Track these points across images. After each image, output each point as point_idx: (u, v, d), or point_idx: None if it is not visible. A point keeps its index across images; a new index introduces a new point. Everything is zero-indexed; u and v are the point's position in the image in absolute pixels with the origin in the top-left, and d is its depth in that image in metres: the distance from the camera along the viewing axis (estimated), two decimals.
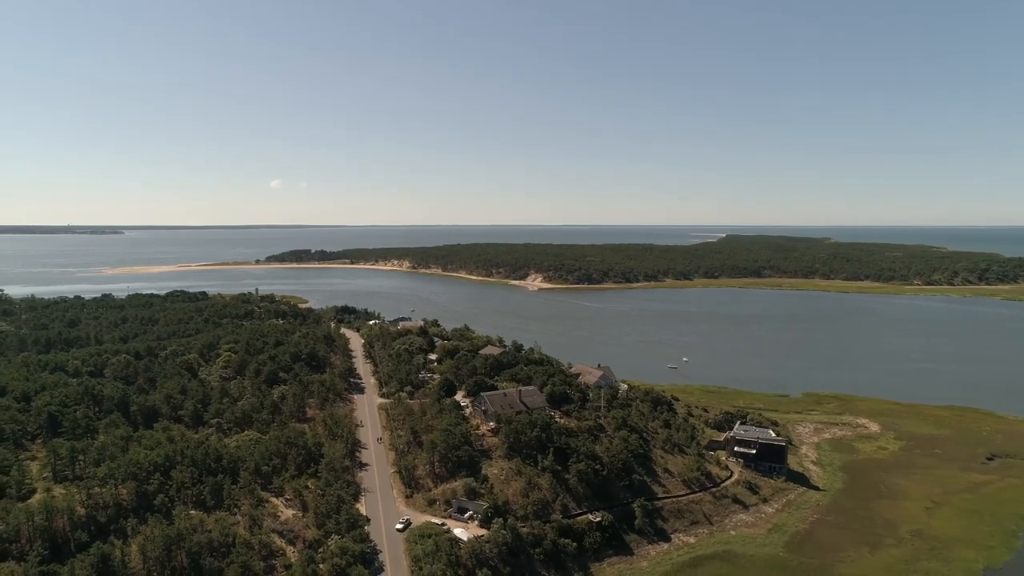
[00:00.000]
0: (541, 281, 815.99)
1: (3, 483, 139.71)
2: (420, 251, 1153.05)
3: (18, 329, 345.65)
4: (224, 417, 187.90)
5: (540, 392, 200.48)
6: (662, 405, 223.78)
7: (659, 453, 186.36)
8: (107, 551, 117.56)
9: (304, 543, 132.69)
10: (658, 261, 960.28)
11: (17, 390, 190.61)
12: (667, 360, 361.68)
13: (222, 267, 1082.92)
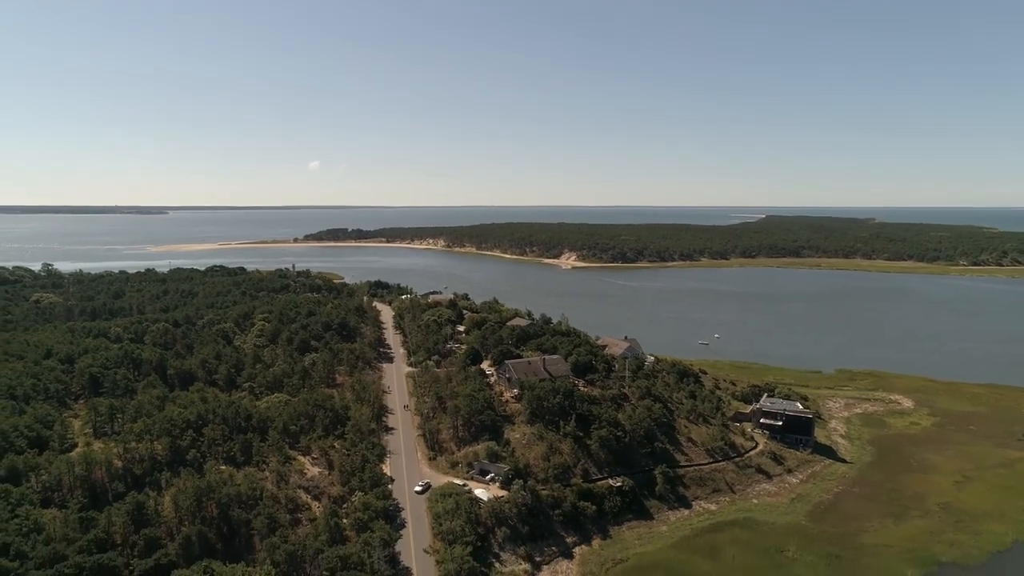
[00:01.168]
0: (575, 260, 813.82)
1: (47, 437, 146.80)
2: (455, 230, 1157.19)
3: (66, 300, 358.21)
4: (256, 381, 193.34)
5: (565, 361, 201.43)
6: (689, 377, 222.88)
7: (683, 423, 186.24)
8: (142, 500, 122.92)
9: (329, 499, 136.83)
10: (694, 240, 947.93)
11: (62, 353, 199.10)
12: (698, 336, 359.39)
13: (261, 245, 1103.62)
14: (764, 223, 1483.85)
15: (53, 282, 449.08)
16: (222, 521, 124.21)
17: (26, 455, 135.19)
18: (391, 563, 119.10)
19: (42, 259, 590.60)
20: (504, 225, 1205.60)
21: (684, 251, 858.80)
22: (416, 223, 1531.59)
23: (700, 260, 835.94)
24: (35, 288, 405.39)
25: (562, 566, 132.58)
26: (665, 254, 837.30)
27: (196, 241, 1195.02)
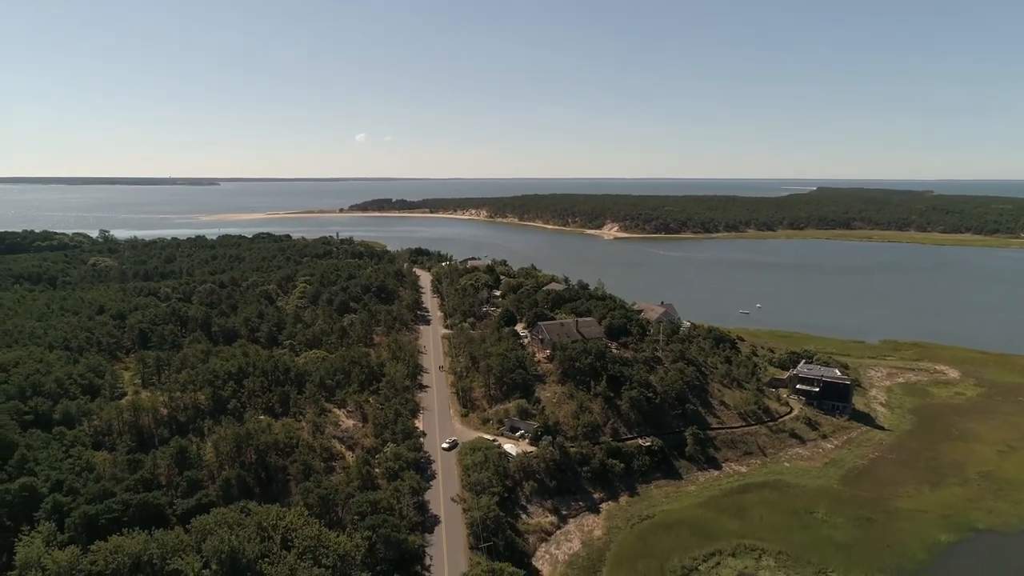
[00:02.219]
0: (617, 230, 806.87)
1: (98, 385, 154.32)
2: (497, 201, 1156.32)
3: (121, 264, 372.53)
4: (296, 339, 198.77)
5: (598, 324, 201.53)
6: (725, 343, 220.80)
7: (716, 387, 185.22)
8: (185, 445, 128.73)
9: (362, 449, 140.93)
10: (740, 212, 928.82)
11: (114, 309, 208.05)
12: (739, 306, 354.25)
13: (307, 215, 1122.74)
14: (814, 195, 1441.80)
15: (109, 247, 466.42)
16: (260, 467, 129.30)
17: (79, 401, 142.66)
18: (420, 510, 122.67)
19: (100, 227, 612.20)
20: (546, 196, 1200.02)
21: (729, 222, 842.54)
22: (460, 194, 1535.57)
23: (746, 231, 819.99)
24: (93, 253, 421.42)
25: (588, 520, 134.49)
26: (709, 225, 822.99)
27: (245, 211, 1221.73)
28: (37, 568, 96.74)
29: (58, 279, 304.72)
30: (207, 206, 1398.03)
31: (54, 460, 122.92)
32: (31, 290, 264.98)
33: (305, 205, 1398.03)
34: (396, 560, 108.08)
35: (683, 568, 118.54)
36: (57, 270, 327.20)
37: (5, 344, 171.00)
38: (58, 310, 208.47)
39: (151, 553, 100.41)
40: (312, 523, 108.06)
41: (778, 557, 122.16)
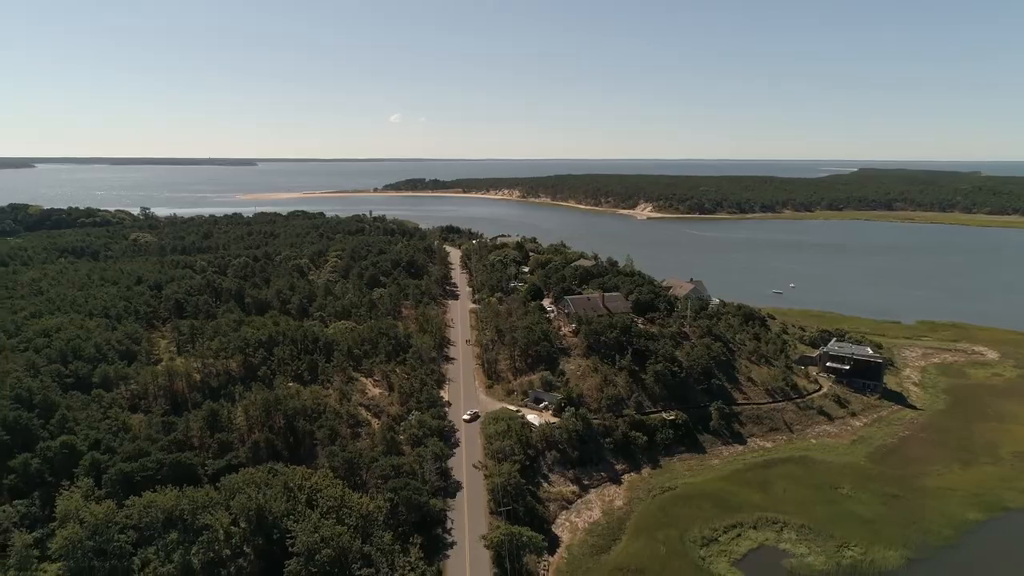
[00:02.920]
0: (651, 210, 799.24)
1: (135, 352, 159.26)
2: (530, 181, 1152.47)
3: (160, 239, 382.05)
4: (326, 311, 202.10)
5: (625, 299, 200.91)
6: (754, 320, 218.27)
7: (744, 363, 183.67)
8: (216, 409, 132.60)
9: (388, 417, 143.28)
10: (777, 192, 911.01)
11: (151, 280, 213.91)
12: (772, 285, 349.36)
13: (342, 195, 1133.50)
14: (855, 176, 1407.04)
15: (149, 224, 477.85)
16: (288, 431, 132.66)
17: (117, 366, 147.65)
18: (443, 476, 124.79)
19: (141, 204, 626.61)
20: (580, 176, 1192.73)
21: (765, 203, 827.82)
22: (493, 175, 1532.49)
23: (783, 212, 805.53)
24: (133, 229, 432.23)
25: (609, 490, 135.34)
26: (745, 206, 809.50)
27: (282, 190, 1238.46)
28: (76, 520, 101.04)
29: (100, 253, 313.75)
30: (245, 186, 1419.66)
31: (93, 420, 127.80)
32: (74, 263, 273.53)
33: (340, 185, 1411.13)
34: (418, 522, 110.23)
35: (703, 538, 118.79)
36: (99, 245, 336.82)
37: (48, 311, 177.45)
38: (98, 280, 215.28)
39: (182, 508, 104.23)
40: (336, 484, 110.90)
41: (800, 530, 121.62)
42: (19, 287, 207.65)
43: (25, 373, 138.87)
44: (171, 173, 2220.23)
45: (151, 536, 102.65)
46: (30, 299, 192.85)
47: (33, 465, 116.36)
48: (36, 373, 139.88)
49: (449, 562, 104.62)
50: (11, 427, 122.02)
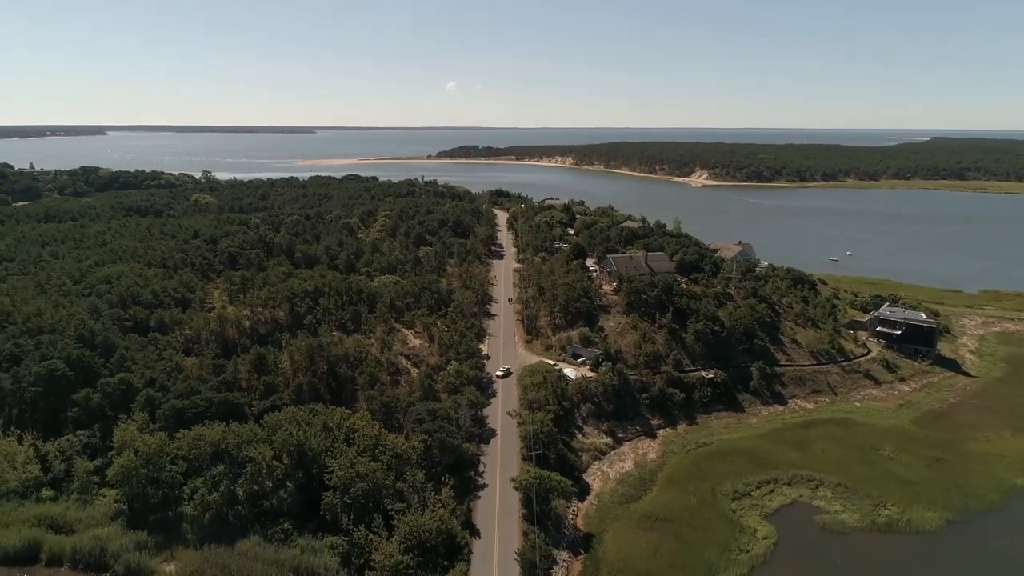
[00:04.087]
0: (706, 178, 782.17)
1: (190, 299, 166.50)
2: (583, 148, 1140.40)
3: (219, 200, 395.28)
4: (372, 267, 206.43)
5: (669, 260, 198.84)
6: (804, 284, 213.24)
7: (789, 325, 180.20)
8: (263, 353, 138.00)
9: (427, 366, 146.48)
10: (840, 160, 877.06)
11: (207, 234, 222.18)
12: (828, 253, 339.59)
13: (396, 161, 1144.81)
14: (926, 144, 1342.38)
15: (210, 186, 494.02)
16: (330, 376, 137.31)
17: (172, 312, 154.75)
18: (478, 423, 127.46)
19: (204, 168, 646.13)
20: (634, 144, 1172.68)
21: (827, 171, 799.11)
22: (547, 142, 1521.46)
23: (845, 181, 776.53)
24: (195, 191, 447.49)
25: (643, 443, 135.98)
26: (805, 174, 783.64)
27: (337, 157, 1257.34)
28: (131, 449, 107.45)
29: (163, 212, 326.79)
30: (303, 152, 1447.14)
31: (149, 361, 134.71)
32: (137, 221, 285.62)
33: (394, 152, 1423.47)
34: (451, 465, 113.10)
35: (735, 492, 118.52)
36: (162, 204, 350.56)
37: (110, 261, 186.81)
38: (158, 234, 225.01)
39: (228, 442, 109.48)
40: (373, 425, 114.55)
41: (836, 488, 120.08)
42: (86, 239, 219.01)
43: (88, 316, 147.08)
44: (234, 140, 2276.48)
45: (200, 467, 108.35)
46: (95, 249, 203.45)
47: (94, 399, 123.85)
48: (98, 316, 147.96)
49: (479, 503, 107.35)
50: (75, 364, 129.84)
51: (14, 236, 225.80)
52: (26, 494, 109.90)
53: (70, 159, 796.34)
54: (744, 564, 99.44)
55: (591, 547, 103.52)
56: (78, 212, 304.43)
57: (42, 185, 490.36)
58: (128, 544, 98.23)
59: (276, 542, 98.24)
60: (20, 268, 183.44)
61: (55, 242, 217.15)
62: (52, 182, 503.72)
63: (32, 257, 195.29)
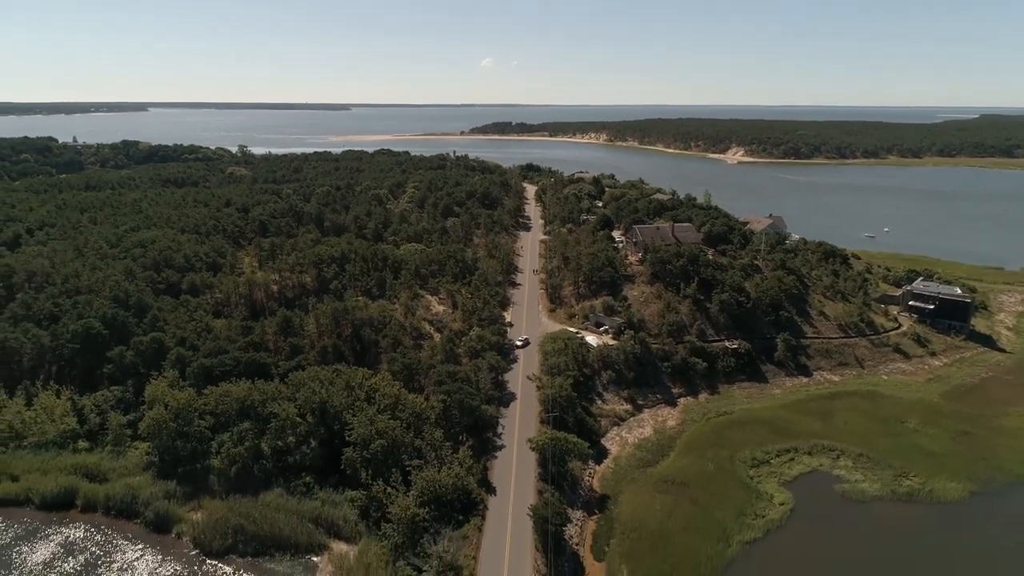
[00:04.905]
0: (742, 155, 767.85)
1: (221, 264, 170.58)
2: (617, 124, 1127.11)
3: (253, 173, 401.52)
4: (399, 236, 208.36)
5: (696, 231, 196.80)
6: (835, 258, 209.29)
7: (818, 298, 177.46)
8: (290, 316, 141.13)
9: (450, 331, 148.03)
10: (882, 137, 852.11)
11: (239, 203, 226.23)
12: (865, 229, 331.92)
13: (429, 137, 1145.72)
14: (973, 122, 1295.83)
15: (245, 160, 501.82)
16: (355, 339, 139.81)
17: (203, 275, 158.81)
18: (497, 386, 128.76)
19: (240, 143, 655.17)
20: (669, 120, 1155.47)
21: (868, 148, 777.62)
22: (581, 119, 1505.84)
23: (886, 158, 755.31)
24: (230, 164, 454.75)
25: (663, 411, 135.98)
26: (845, 151, 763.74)
27: (372, 133, 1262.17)
28: (161, 404, 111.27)
29: (199, 184, 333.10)
30: (337, 128, 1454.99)
31: (180, 321, 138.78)
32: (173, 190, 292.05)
33: (428, 128, 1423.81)
34: (470, 426, 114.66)
35: (754, 459, 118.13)
36: (198, 176, 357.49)
37: (145, 226, 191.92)
38: (192, 202, 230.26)
39: (253, 399, 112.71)
40: (394, 385, 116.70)
41: (857, 459, 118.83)
42: (123, 206, 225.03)
43: (123, 278, 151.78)
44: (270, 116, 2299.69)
45: (227, 423, 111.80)
46: (131, 216, 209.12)
47: (127, 357, 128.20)
48: (132, 278, 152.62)
49: (496, 462, 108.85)
50: (110, 323, 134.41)
51: (55, 203, 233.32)
52: (63, 445, 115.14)
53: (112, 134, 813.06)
54: (759, 528, 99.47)
55: (606, 508, 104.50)
56: (117, 183, 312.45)
57: (85, 158, 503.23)
58: (158, 493, 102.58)
59: (298, 495, 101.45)
60: (60, 233, 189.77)
61: (93, 209, 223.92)
62: (94, 155, 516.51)
63: (72, 223, 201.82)
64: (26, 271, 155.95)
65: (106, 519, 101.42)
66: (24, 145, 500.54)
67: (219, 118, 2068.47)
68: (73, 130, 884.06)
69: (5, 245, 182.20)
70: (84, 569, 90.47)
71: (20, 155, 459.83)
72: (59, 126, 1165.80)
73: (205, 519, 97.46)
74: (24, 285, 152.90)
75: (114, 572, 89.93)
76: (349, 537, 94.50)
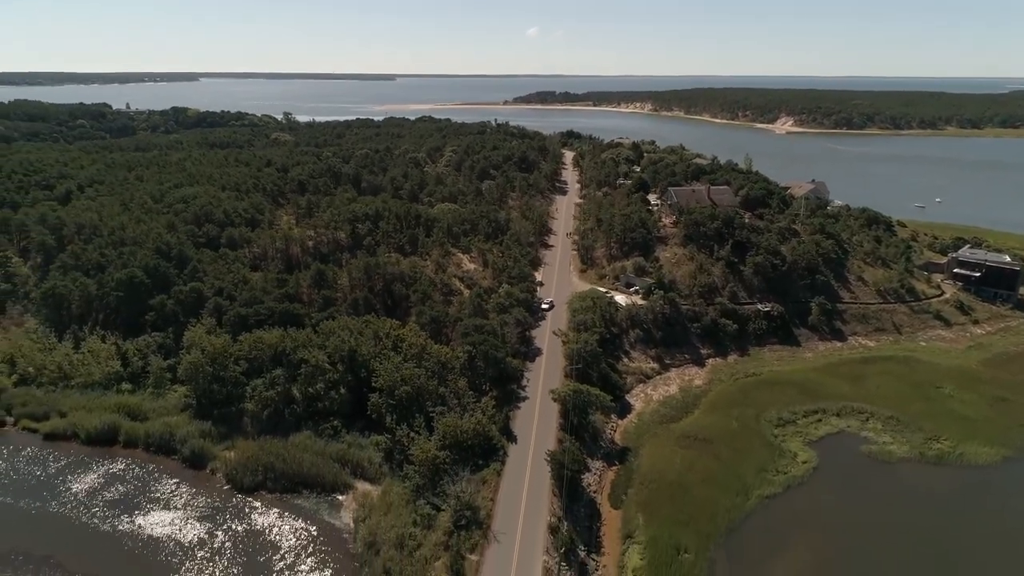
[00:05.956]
0: (791, 124, 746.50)
1: (259, 220, 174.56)
2: (662, 94, 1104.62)
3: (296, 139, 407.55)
4: (434, 197, 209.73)
5: (734, 194, 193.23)
6: (879, 225, 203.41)
7: (857, 263, 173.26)
8: (323, 269, 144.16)
9: (480, 288, 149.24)
10: (940, 108, 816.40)
11: (279, 163, 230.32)
12: (915, 199, 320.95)
13: (472, 106, 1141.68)
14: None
15: (290, 126, 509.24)
16: (386, 293, 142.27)
17: (241, 230, 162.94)
18: (524, 342, 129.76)
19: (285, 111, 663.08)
20: (716, 89, 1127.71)
21: (925, 119, 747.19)
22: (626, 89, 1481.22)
23: (944, 129, 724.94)
24: (275, 130, 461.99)
25: (691, 371, 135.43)
26: (901, 121, 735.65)
27: (415, 102, 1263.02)
28: (198, 348, 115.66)
29: (244, 147, 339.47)
30: (381, 97, 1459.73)
31: (218, 273, 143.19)
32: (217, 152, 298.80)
33: (472, 98, 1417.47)
34: (495, 377, 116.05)
35: (780, 419, 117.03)
36: (244, 140, 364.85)
37: (188, 183, 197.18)
38: (233, 161, 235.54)
39: (285, 345, 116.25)
40: (420, 335, 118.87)
41: (887, 421, 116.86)
42: (168, 165, 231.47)
43: (165, 231, 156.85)
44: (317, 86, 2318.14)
45: (260, 368, 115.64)
46: (175, 174, 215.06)
47: (168, 305, 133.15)
48: (174, 231, 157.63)
49: (519, 412, 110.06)
50: (152, 273, 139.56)
51: (105, 162, 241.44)
52: (108, 386, 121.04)
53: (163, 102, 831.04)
54: (779, 484, 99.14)
55: (626, 460, 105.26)
56: (165, 146, 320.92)
57: (136, 124, 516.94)
58: (194, 431, 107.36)
59: (326, 437, 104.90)
60: (108, 189, 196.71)
61: (140, 167, 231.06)
62: (145, 121, 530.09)
63: (119, 180, 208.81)
64: (76, 223, 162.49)
65: (145, 454, 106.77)
66: (80, 111, 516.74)
67: (267, 88, 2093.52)
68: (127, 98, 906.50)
69: (58, 200, 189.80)
70: (125, 498, 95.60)
71: (76, 121, 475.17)
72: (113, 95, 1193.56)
73: (237, 457, 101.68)
74: (74, 237, 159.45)
75: (152, 502, 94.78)
76: (373, 478, 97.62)
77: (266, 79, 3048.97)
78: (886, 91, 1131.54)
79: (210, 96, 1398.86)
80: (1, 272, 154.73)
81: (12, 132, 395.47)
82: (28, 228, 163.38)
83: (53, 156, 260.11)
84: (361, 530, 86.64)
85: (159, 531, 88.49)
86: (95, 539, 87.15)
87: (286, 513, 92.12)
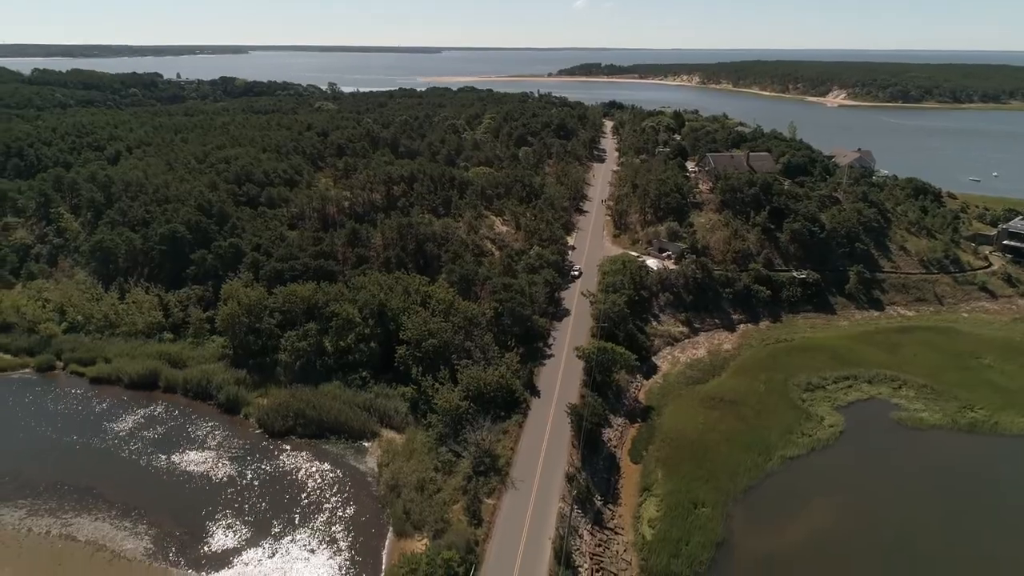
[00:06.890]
0: (844, 98, 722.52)
1: (298, 181, 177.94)
2: (710, 67, 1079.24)
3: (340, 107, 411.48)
4: (471, 162, 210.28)
5: (774, 161, 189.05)
6: (926, 195, 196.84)
7: (900, 232, 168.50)
8: (357, 228, 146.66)
9: (511, 249, 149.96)
10: (1005, 80, 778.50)
11: (320, 127, 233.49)
12: (971, 173, 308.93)
13: (516, 79, 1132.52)
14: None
15: (334, 96, 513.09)
16: (418, 253, 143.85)
17: (280, 189, 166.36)
18: (552, 302, 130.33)
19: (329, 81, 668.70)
20: (767, 62, 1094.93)
21: (988, 92, 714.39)
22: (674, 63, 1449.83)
23: (1008, 103, 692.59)
24: (319, 99, 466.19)
25: (720, 335, 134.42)
26: (961, 94, 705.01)
27: (459, 74, 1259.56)
28: (235, 299, 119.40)
29: (288, 114, 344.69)
30: (426, 70, 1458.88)
31: (256, 230, 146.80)
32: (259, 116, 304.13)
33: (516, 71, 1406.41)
34: (522, 335, 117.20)
35: (809, 384, 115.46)
36: (288, 108, 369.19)
37: (230, 145, 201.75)
38: (275, 125, 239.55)
39: (318, 299, 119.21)
40: (449, 291, 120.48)
41: (921, 389, 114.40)
42: (212, 129, 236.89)
43: (207, 189, 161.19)
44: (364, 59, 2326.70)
45: (293, 321, 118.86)
46: (218, 136, 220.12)
47: (208, 260, 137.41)
48: (215, 190, 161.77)
49: (543, 369, 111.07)
50: (194, 229, 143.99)
51: (152, 125, 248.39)
52: (150, 335, 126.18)
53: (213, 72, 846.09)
54: (803, 446, 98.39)
55: (649, 418, 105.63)
56: (212, 112, 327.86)
57: (186, 92, 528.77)
58: (230, 379, 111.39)
59: (355, 387, 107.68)
60: (155, 151, 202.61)
61: (185, 131, 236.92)
62: (195, 90, 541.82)
63: (166, 142, 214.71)
64: (123, 182, 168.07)
65: (184, 399, 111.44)
66: (132, 80, 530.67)
67: (314, 60, 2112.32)
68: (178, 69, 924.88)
69: (108, 160, 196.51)
70: (163, 437, 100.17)
71: (129, 89, 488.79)
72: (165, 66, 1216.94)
73: (270, 403, 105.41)
74: (121, 194, 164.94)
75: (188, 442, 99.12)
76: (399, 427, 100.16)
77: (314, 52, 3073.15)
78: (945, 64, 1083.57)
79: (258, 67, 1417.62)
80: (54, 227, 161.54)
81: (68, 99, 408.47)
82: (79, 186, 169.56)
83: (105, 120, 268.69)
84: (384, 474, 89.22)
85: (193, 468, 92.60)
86: (134, 473, 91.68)
87: (314, 457, 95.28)
